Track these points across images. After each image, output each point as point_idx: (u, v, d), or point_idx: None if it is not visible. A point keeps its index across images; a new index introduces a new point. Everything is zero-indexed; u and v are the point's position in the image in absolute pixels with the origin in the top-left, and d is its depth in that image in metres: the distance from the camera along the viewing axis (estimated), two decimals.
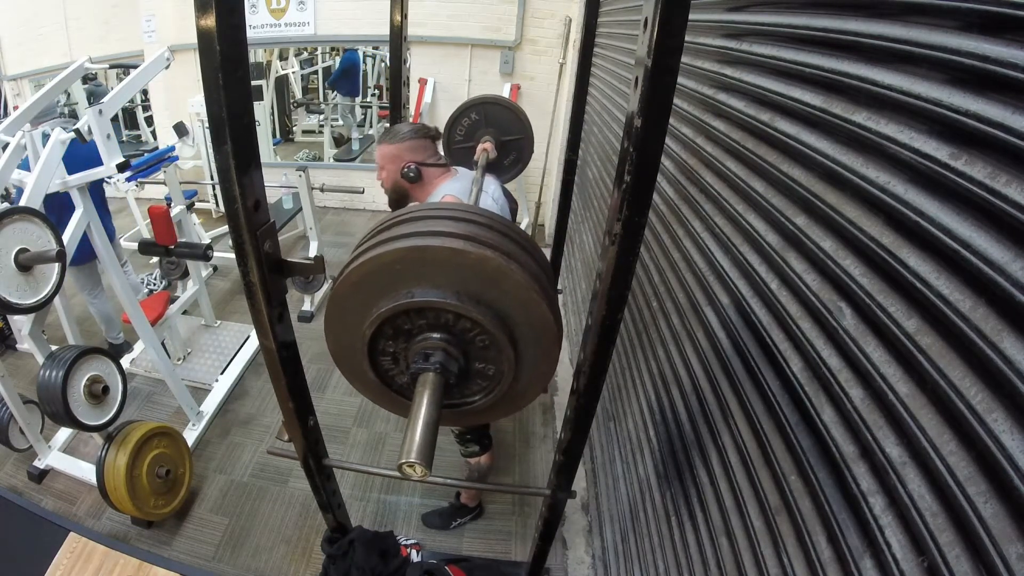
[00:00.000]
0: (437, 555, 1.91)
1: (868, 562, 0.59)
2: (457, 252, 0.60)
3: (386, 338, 0.69)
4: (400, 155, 1.45)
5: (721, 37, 1.22)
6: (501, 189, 1.63)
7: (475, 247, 0.61)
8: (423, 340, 0.68)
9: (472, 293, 0.63)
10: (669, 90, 0.58)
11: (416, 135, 1.46)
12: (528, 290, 0.63)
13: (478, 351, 0.68)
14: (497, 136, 1.91)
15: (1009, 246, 0.49)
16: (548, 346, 0.68)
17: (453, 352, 0.68)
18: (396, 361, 0.72)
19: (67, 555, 1.55)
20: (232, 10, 0.65)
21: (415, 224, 0.64)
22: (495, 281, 0.62)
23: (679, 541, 1.12)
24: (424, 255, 0.62)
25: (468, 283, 0.63)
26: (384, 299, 0.65)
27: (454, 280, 0.63)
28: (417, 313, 0.66)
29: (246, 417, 2.59)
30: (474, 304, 0.63)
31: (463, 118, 1.93)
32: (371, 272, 0.64)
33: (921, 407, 0.56)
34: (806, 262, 0.79)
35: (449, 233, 0.61)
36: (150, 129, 5.89)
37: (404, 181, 1.46)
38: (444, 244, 0.60)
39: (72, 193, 1.91)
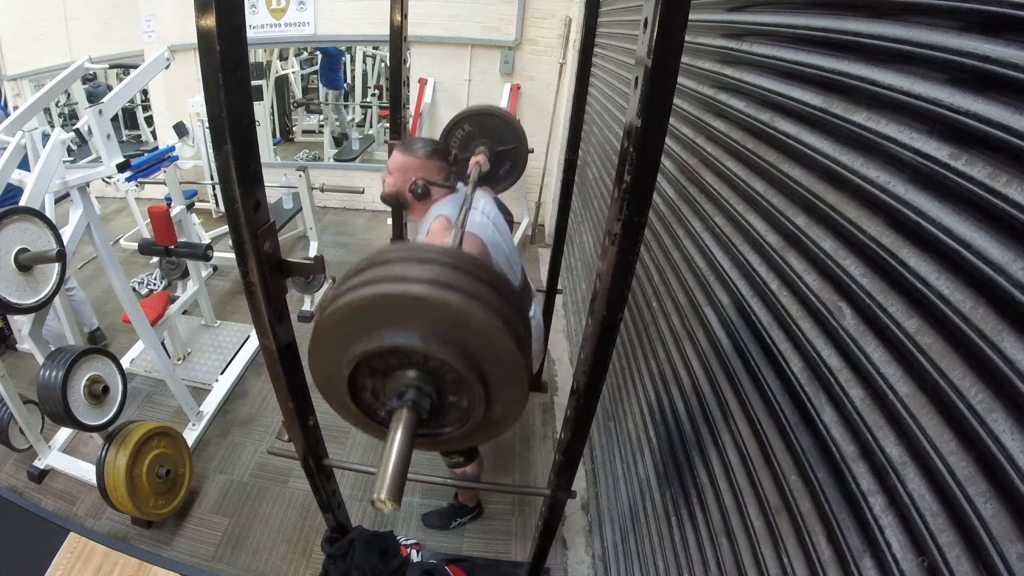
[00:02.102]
0: (437, 555, 1.91)
1: (868, 562, 0.59)
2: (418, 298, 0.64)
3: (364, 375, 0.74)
4: (414, 169, 1.46)
5: (721, 37, 1.22)
6: (494, 202, 1.63)
7: (437, 291, 0.64)
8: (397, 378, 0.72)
9: (438, 334, 0.67)
10: (669, 90, 0.58)
11: (434, 155, 1.47)
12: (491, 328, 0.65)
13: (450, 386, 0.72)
14: (491, 147, 1.91)
15: (1009, 246, 0.49)
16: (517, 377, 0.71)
17: (425, 389, 0.71)
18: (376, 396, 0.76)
19: (67, 555, 1.55)
20: (232, 10, 0.65)
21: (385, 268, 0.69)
22: (458, 322, 0.65)
23: (679, 541, 1.12)
24: (391, 301, 0.66)
25: (434, 325, 0.67)
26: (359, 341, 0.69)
27: (421, 323, 0.67)
28: (390, 353, 0.70)
29: (246, 417, 2.59)
30: (440, 345, 0.67)
31: (457, 130, 1.94)
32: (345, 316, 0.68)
33: (921, 407, 0.56)
34: (806, 262, 0.79)
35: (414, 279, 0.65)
36: (150, 129, 5.89)
37: (409, 194, 1.47)
38: (408, 290, 0.65)
39: (72, 193, 1.91)
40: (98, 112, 1.98)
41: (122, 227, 4.37)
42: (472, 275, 0.68)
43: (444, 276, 0.66)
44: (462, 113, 1.94)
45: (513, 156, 1.97)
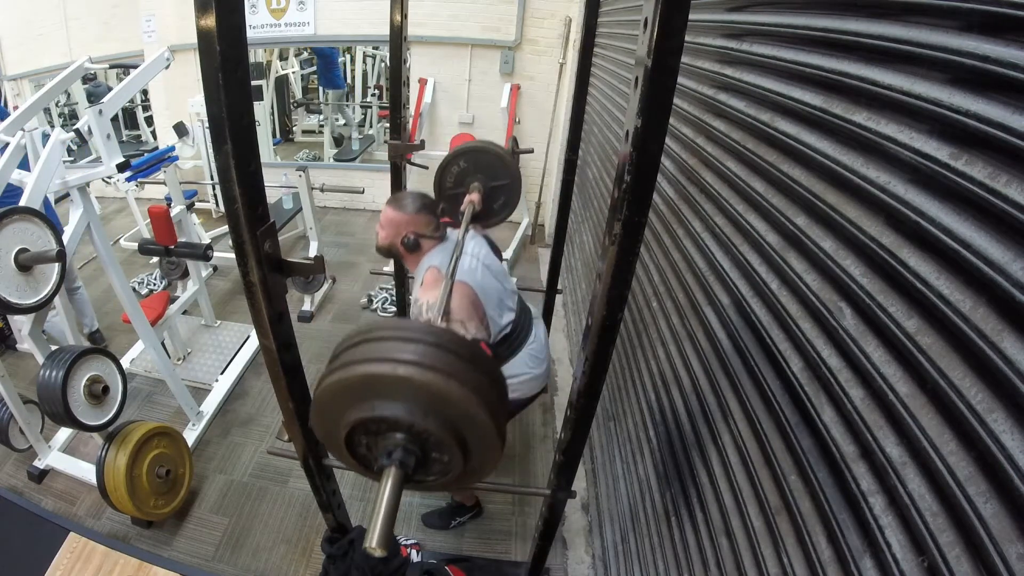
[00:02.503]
0: (437, 555, 1.91)
1: (868, 562, 0.59)
2: (405, 378, 0.75)
3: (359, 434, 0.85)
4: (404, 224, 1.54)
5: (721, 37, 1.22)
6: (484, 240, 1.71)
7: (420, 371, 0.75)
8: (387, 439, 0.82)
9: (422, 407, 0.78)
10: (669, 90, 0.58)
11: (422, 210, 1.55)
12: (467, 403, 0.76)
13: (433, 445, 0.83)
14: (485, 183, 1.97)
15: (1009, 246, 0.49)
16: (490, 441, 0.82)
17: (411, 448, 0.82)
18: (369, 450, 0.87)
19: (67, 555, 1.55)
20: (232, 10, 0.65)
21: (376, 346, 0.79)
22: (438, 398, 0.76)
23: (679, 541, 1.12)
24: (380, 379, 0.77)
25: (417, 400, 0.77)
26: (354, 409, 0.80)
27: (407, 397, 0.78)
28: (380, 420, 0.81)
29: (246, 417, 2.59)
30: (423, 416, 0.78)
31: (452, 166, 1.99)
32: (341, 389, 0.80)
33: (921, 407, 0.56)
34: (806, 262, 0.80)
35: (400, 359, 0.76)
36: (150, 129, 5.89)
37: (401, 247, 1.55)
38: (395, 371, 0.75)
39: (72, 193, 1.91)
40: (98, 112, 1.98)
41: (122, 227, 4.37)
42: (453, 353, 0.78)
43: (427, 356, 0.76)
44: (458, 149, 1.99)
45: (507, 191, 2.02)
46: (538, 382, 1.66)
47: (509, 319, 1.59)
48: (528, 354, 1.62)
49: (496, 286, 1.57)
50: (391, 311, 3.37)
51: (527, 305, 1.74)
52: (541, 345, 1.67)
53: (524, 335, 1.63)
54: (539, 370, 1.65)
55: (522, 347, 1.61)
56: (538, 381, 1.66)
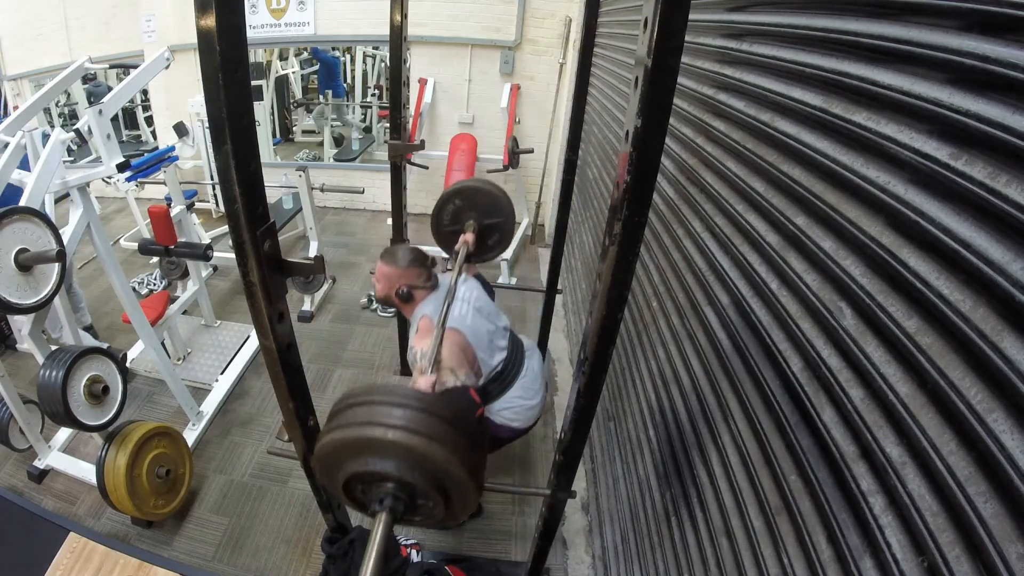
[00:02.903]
0: (437, 555, 1.91)
1: (868, 562, 0.59)
2: (394, 441, 0.86)
3: (355, 483, 0.97)
4: (398, 278, 1.66)
5: (721, 37, 1.22)
6: (476, 283, 1.81)
7: (406, 435, 0.86)
8: (379, 487, 0.95)
9: (408, 464, 0.90)
10: (669, 90, 0.58)
11: (413, 264, 1.67)
12: (448, 463, 0.88)
13: (419, 493, 0.95)
14: (480, 220, 2.05)
15: (1009, 246, 0.49)
16: (469, 493, 0.95)
17: (400, 496, 0.94)
18: (364, 494, 1.00)
19: (67, 555, 1.55)
20: (232, 10, 0.65)
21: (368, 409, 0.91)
22: (423, 458, 0.88)
23: (679, 541, 1.12)
24: (373, 442, 0.88)
25: (404, 459, 0.89)
26: (350, 462, 0.93)
27: (395, 456, 0.90)
28: (373, 473, 0.93)
29: (246, 417, 2.59)
30: (409, 472, 0.90)
31: (448, 204, 2.05)
32: (339, 446, 0.92)
33: (921, 407, 0.56)
34: (806, 262, 0.80)
35: (390, 424, 0.87)
36: (150, 129, 5.89)
37: (396, 298, 1.67)
38: (385, 435, 0.87)
39: (72, 193, 1.91)
40: (98, 112, 1.98)
41: (122, 227, 4.37)
42: (436, 416, 0.89)
43: (413, 421, 0.87)
44: (454, 188, 2.06)
45: (500, 229, 2.10)
46: (533, 412, 1.74)
47: (500, 358, 1.69)
48: (521, 387, 1.70)
49: (487, 327, 1.67)
50: (391, 311, 3.37)
51: (520, 339, 1.84)
52: (534, 377, 1.76)
53: (516, 370, 1.72)
54: (533, 401, 1.73)
55: (514, 382, 1.70)
56: (533, 411, 1.74)
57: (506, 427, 1.69)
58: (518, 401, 1.68)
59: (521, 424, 1.71)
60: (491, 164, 4.01)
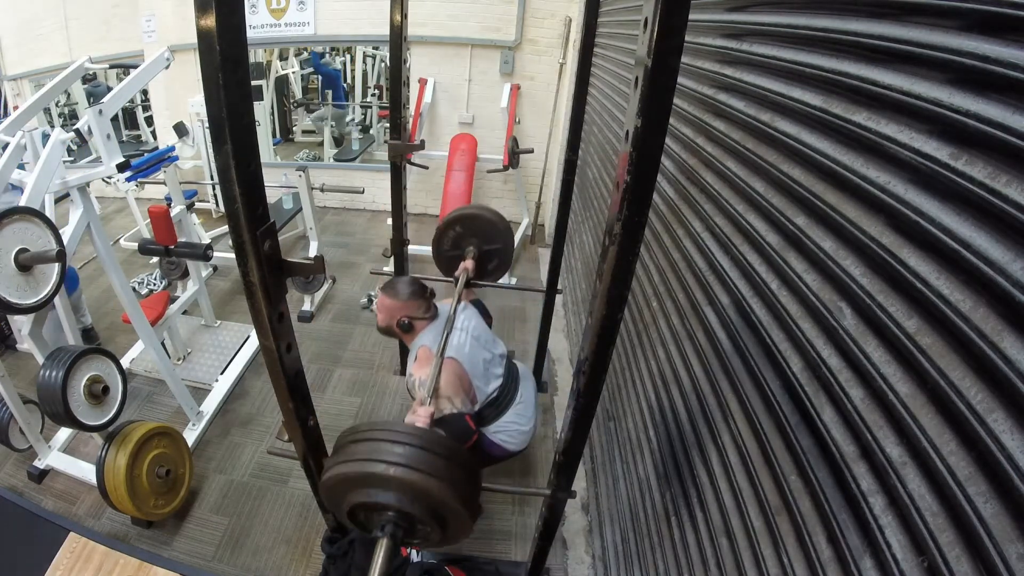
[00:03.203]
0: (437, 555, 1.91)
1: (868, 562, 0.59)
2: (394, 477, 0.94)
3: (359, 511, 1.04)
4: (399, 310, 1.74)
5: (721, 37, 1.22)
6: (474, 311, 1.88)
7: (406, 472, 0.93)
8: (381, 515, 1.02)
9: (408, 496, 0.97)
10: (669, 90, 0.58)
11: (413, 297, 1.74)
12: (444, 495, 0.95)
13: (418, 520, 1.01)
14: (479, 246, 2.11)
15: (1009, 246, 0.49)
16: (463, 520, 1.03)
17: (400, 523, 1.01)
18: (367, 519, 1.08)
19: (67, 555, 1.55)
20: (232, 10, 0.65)
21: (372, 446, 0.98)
22: (421, 491, 0.95)
23: (679, 541, 1.12)
24: (375, 477, 0.95)
25: (404, 491, 0.97)
26: (354, 493, 1.00)
27: (396, 489, 0.97)
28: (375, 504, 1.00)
29: (246, 417, 2.58)
30: (409, 503, 0.97)
31: (449, 231, 2.11)
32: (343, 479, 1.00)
33: (921, 407, 0.56)
34: (806, 262, 0.80)
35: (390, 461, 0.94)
36: (150, 129, 5.89)
37: (397, 329, 1.75)
38: (388, 472, 0.94)
39: (72, 193, 1.91)
40: (98, 112, 1.98)
41: (122, 227, 4.37)
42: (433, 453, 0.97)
43: (411, 458, 0.94)
44: (454, 215, 2.12)
45: (500, 254, 2.15)
46: (526, 436, 1.80)
47: (496, 385, 1.75)
48: (515, 412, 1.77)
49: (483, 356, 1.74)
50: None
51: (515, 366, 1.90)
52: (528, 404, 1.82)
53: (511, 396, 1.79)
54: (526, 426, 1.79)
55: (509, 407, 1.76)
56: (526, 436, 1.80)
57: (500, 447, 1.75)
58: (513, 426, 1.75)
59: (515, 447, 1.77)
60: (491, 164, 4.01)
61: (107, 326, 3.16)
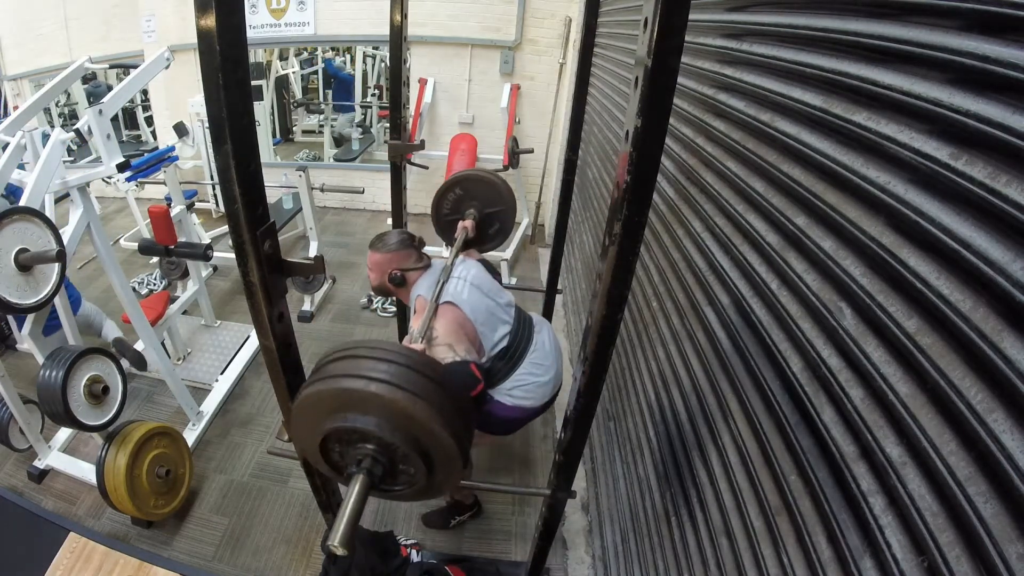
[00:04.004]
0: (437, 555, 1.91)
1: (868, 562, 0.59)
2: (376, 394, 0.81)
3: (332, 442, 0.91)
4: (388, 263, 1.66)
5: (721, 37, 1.22)
6: (475, 263, 1.76)
7: (390, 390, 0.80)
8: (357, 449, 0.89)
9: (389, 422, 0.83)
10: (669, 90, 0.58)
11: (402, 247, 1.66)
12: (431, 422, 0.82)
13: (400, 457, 0.89)
14: (480, 209, 2.02)
15: (1009, 246, 0.49)
16: (452, 459, 0.88)
17: (379, 459, 0.88)
18: (341, 457, 0.94)
19: (67, 555, 1.55)
20: (232, 10, 0.65)
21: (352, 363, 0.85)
22: (406, 415, 0.82)
23: (679, 541, 1.12)
24: (354, 395, 0.82)
25: (386, 414, 0.83)
26: (328, 419, 0.86)
27: (376, 412, 0.83)
28: (351, 431, 0.86)
29: (246, 417, 2.59)
30: (391, 430, 0.83)
31: (449, 193, 2.04)
32: (318, 400, 0.86)
33: (921, 407, 0.56)
34: (806, 262, 0.79)
35: (373, 377, 0.81)
36: (150, 129, 5.89)
37: (390, 284, 1.66)
38: (367, 388, 0.81)
39: (72, 193, 1.91)
40: (98, 112, 1.98)
41: (122, 227, 4.37)
42: (422, 374, 0.84)
43: (397, 376, 0.82)
44: (454, 177, 2.04)
45: (501, 218, 2.07)
46: (546, 389, 1.67)
47: (504, 332, 1.62)
48: (531, 363, 1.64)
49: (486, 302, 1.62)
50: (391, 311, 3.37)
51: (528, 315, 1.76)
52: (546, 352, 1.69)
53: (524, 346, 1.66)
54: (545, 377, 1.66)
55: (523, 358, 1.64)
56: (546, 388, 1.67)
57: (517, 408, 1.62)
58: (528, 378, 1.62)
59: (533, 403, 1.64)
60: (491, 164, 4.00)
61: None
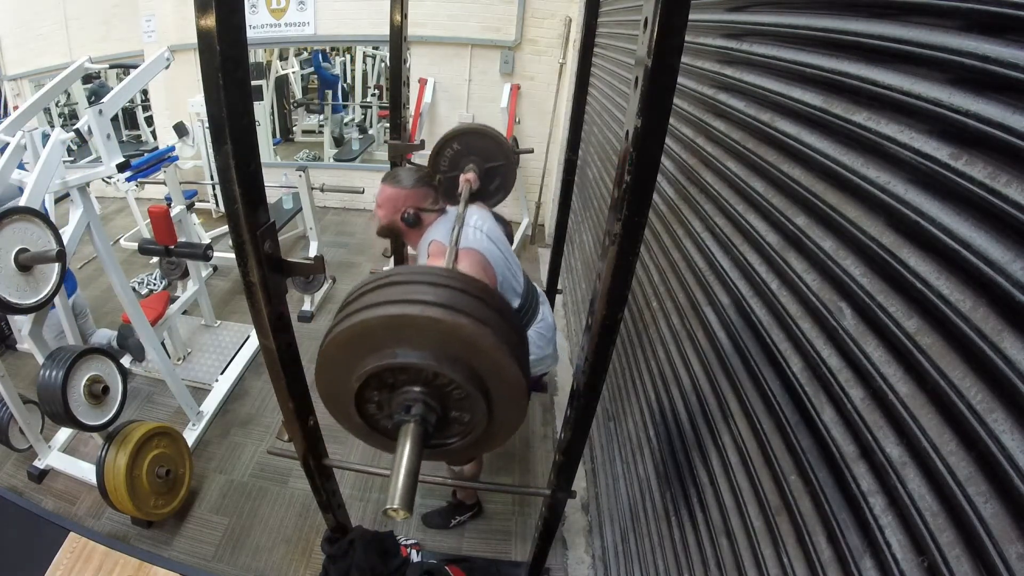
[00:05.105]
0: (437, 555, 1.91)
1: (868, 562, 0.59)
2: (435, 320, 0.67)
3: (372, 389, 0.77)
4: (404, 200, 1.49)
5: (721, 37, 1.22)
6: (489, 215, 1.65)
7: (450, 315, 0.68)
8: (405, 393, 0.75)
9: (448, 354, 0.71)
10: (669, 90, 0.58)
11: (420, 183, 1.50)
12: (498, 352, 0.70)
13: (454, 402, 0.76)
14: (480, 164, 1.95)
15: (1009, 246, 0.49)
16: (517, 399, 0.76)
17: (432, 404, 0.75)
18: (380, 408, 0.80)
19: (67, 555, 1.55)
20: (232, 10, 0.65)
21: (398, 289, 0.72)
22: (469, 344, 0.69)
23: (679, 541, 1.12)
24: (406, 322, 0.69)
25: (445, 346, 0.70)
26: (370, 357, 0.72)
27: (433, 343, 0.70)
28: (400, 370, 0.73)
29: (246, 417, 2.59)
30: (450, 364, 0.70)
31: (446, 149, 1.97)
32: (359, 333, 0.71)
33: (921, 407, 0.56)
34: (806, 262, 0.79)
35: (428, 302, 0.68)
36: (150, 129, 5.89)
37: (402, 224, 1.50)
38: (424, 313, 0.67)
39: (72, 193, 1.91)
40: (98, 112, 1.98)
41: (122, 227, 4.37)
42: (481, 300, 0.71)
43: (456, 300, 0.69)
44: (451, 132, 1.97)
45: (502, 172, 2.01)
46: (548, 362, 1.65)
47: (516, 293, 1.55)
48: (536, 333, 1.59)
49: (503, 258, 1.52)
50: None
51: (533, 285, 1.71)
52: (549, 325, 1.65)
53: (532, 314, 1.60)
54: (549, 350, 1.63)
55: (530, 326, 1.59)
56: (548, 361, 1.64)
57: None
58: (535, 348, 1.56)
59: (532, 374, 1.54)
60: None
61: (107, 326, 3.16)
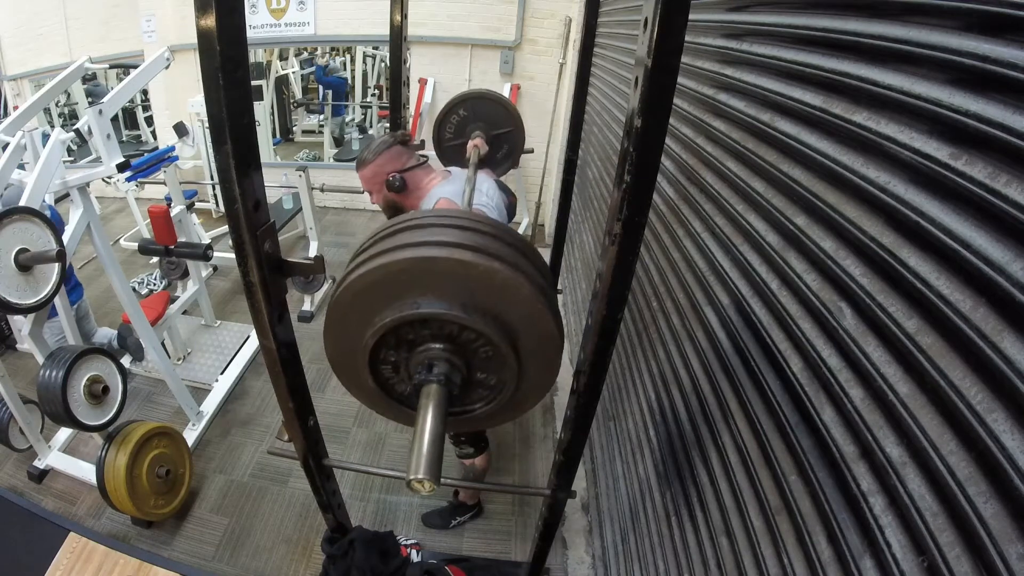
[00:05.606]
0: (437, 555, 1.91)
1: (868, 562, 0.59)
2: (465, 264, 0.58)
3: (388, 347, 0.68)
4: (380, 171, 1.44)
5: (721, 37, 1.22)
6: (496, 184, 1.61)
7: (483, 259, 0.59)
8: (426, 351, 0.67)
9: (478, 305, 0.62)
10: (669, 90, 0.58)
11: (385, 146, 1.46)
12: (535, 302, 0.62)
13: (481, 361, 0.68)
14: (487, 130, 1.88)
15: (1009, 246, 0.49)
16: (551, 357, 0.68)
17: (456, 363, 0.67)
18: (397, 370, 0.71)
19: (67, 555, 1.55)
20: (232, 10, 0.65)
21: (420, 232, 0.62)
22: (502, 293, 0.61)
23: (679, 541, 1.12)
24: (432, 266, 0.59)
25: (475, 295, 0.61)
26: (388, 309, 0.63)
27: (461, 291, 0.61)
28: (421, 323, 0.64)
29: (246, 417, 2.59)
30: (480, 316, 0.62)
31: (451, 115, 1.91)
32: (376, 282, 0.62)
33: (921, 407, 0.55)
34: (806, 262, 0.79)
35: (457, 244, 0.59)
36: (150, 129, 5.89)
37: (392, 193, 1.45)
38: (452, 255, 0.58)
39: (72, 193, 1.91)
40: (98, 112, 1.98)
41: (122, 227, 4.37)
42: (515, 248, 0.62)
43: (489, 244, 0.59)
44: (456, 98, 1.91)
45: (510, 139, 1.94)
46: None
47: None
48: None
49: None
50: None
51: None
52: None
53: None
54: None
55: None
56: None
57: None
58: None
59: None
60: None
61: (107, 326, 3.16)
